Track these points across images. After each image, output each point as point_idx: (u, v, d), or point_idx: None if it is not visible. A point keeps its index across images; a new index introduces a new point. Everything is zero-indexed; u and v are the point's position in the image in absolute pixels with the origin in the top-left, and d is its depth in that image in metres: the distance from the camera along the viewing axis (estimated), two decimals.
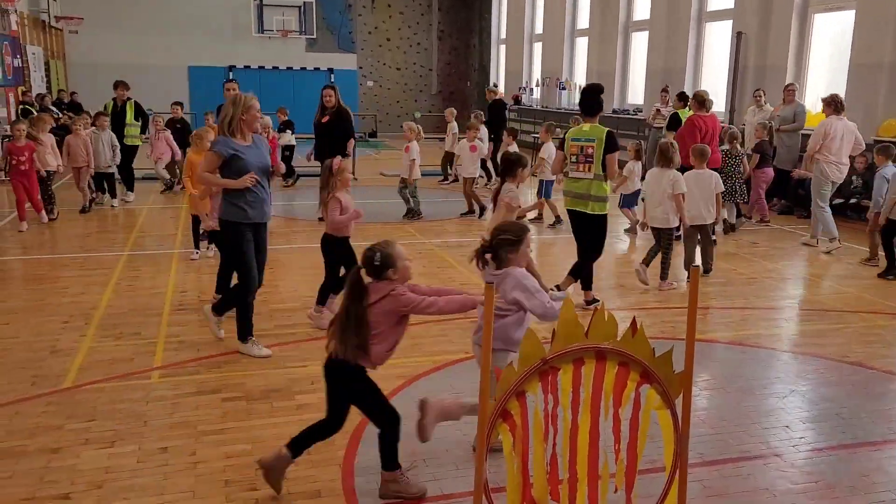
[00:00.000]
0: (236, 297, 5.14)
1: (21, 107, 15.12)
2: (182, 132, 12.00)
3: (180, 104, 12.72)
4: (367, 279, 3.27)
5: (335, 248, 5.61)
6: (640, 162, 9.46)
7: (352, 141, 9.69)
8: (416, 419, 3.50)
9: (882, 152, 8.05)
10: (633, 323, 2.53)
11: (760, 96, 11.47)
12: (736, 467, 3.71)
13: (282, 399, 4.39)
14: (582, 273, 6.32)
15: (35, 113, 12.71)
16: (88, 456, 3.71)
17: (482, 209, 10.36)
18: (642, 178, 8.74)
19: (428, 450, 3.81)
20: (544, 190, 9.78)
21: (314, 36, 23.92)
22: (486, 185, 12.97)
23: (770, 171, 10.09)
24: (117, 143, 10.71)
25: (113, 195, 10.89)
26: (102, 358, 5.01)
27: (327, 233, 5.62)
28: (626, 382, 2.47)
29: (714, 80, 14.18)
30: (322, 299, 5.73)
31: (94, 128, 10.61)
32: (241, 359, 5.08)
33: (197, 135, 7.30)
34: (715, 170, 7.70)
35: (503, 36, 24.53)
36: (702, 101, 8.90)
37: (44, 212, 9.35)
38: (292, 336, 5.51)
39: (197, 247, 7.72)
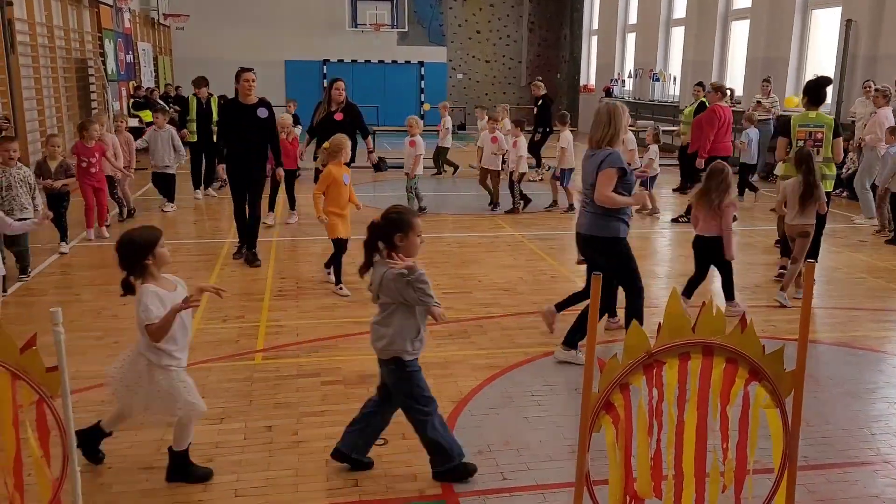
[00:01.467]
0: (634, 308, 4.73)
1: (132, 100, 15.97)
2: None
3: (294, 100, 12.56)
4: None
5: (715, 248, 5.70)
6: (657, 145, 9.88)
7: (370, 139, 9.27)
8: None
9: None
10: (743, 318, 2.48)
11: (871, 87, 10.87)
12: (843, 473, 3.58)
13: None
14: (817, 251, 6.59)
15: (159, 106, 13.28)
16: (200, 431, 3.90)
17: (495, 204, 10.29)
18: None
19: (521, 440, 3.85)
20: (565, 178, 10.05)
21: (405, 29, 24.21)
22: (537, 175, 13.03)
23: None
24: (180, 143, 9.89)
25: (171, 198, 10.02)
26: (210, 339, 5.27)
27: (701, 235, 5.78)
28: (734, 379, 2.43)
29: (819, 71, 13.51)
30: (730, 294, 5.87)
31: (152, 126, 9.96)
32: (336, 344, 5.24)
33: (336, 145, 6.37)
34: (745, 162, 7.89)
35: (595, 27, 24.14)
36: (723, 91, 9.78)
37: (96, 226, 8.30)
38: None
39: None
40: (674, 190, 12.02)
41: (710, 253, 5.76)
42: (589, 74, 24.71)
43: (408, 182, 9.74)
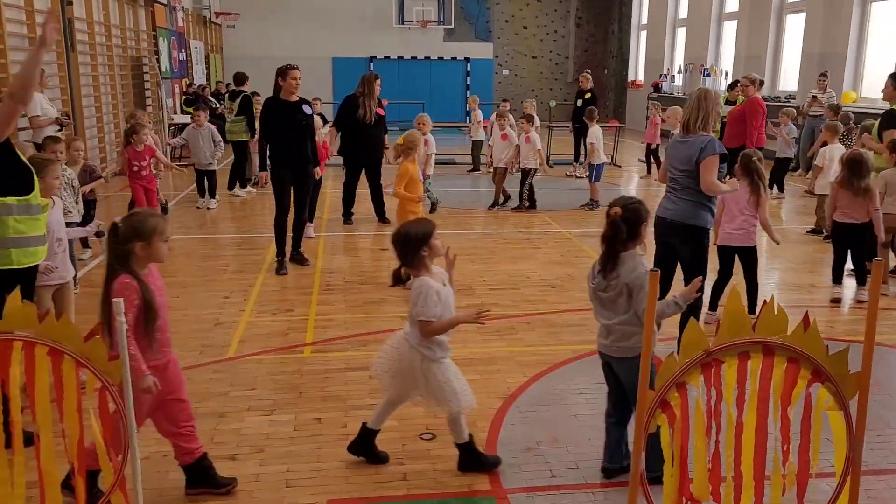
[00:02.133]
0: (697, 305, 4.63)
1: (184, 97, 16.30)
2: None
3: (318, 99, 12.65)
4: None
5: (857, 234, 5.85)
6: None
7: (385, 137, 9.04)
8: None
9: None
10: (806, 318, 2.41)
11: None
12: None
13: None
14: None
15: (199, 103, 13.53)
16: (251, 421, 3.98)
17: (506, 198, 10.14)
18: None
19: (571, 438, 3.81)
20: (595, 173, 9.95)
21: (452, 25, 24.20)
22: (573, 170, 12.90)
23: None
24: (220, 138, 9.98)
25: (213, 195, 10.07)
26: (260, 332, 5.35)
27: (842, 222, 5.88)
28: (795, 380, 2.35)
29: (880, 65, 13.09)
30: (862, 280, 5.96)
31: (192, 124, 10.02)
32: (385, 339, 5.21)
33: (410, 141, 6.35)
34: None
35: (644, 21, 23.78)
36: (759, 82, 9.56)
37: None
38: None
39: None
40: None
41: (851, 239, 5.89)
42: (637, 70, 24.36)
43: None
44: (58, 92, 10.22)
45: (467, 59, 24.72)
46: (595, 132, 10.00)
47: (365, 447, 3.57)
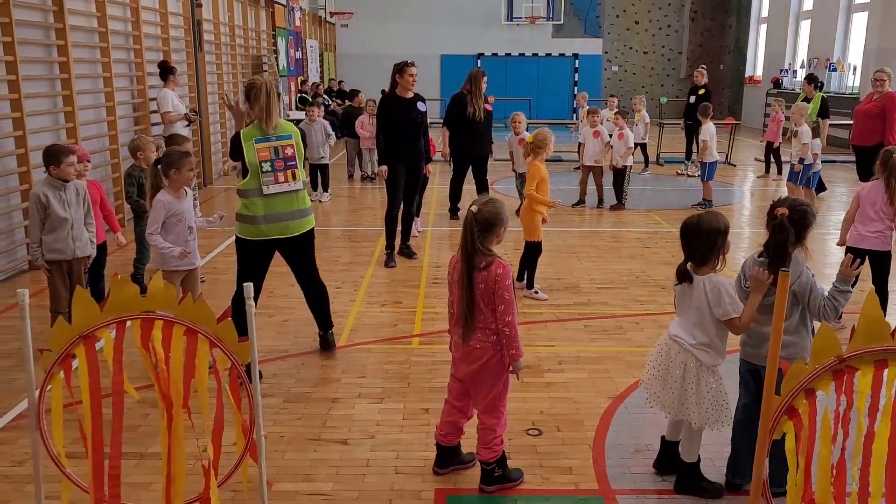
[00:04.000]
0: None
1: (298, 95, 16.90)
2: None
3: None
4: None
5: None
6: (818, 139, 9.27)
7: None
8: None
9: None
10: None
11: None
12: None
13: (531, 375, 4.50)
14: None
15: (310, 100, 14.03)
16: (362, 408, 4.11)
17: (600, 200, 9.92)
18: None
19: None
20: (708, 172, 9.64)
21: (561, 21, 23.95)
22: (685, 169, 12.40)
23: None
24: (331, 132, 10.30)
25: (325, 188, 10.38)
26: (370, 322, 5.50)
27: None
28: None
29: None
30: None
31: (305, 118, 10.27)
32: None
33: (541, 140, 6.13)
34: None
35: (764, 14, 22.73)
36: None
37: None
38: (539, 316, 5.63)
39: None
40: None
41: None
42: (756, 65, 23.32)
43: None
44: (186, 89, 10.83)
45: (575, 56, 24.41)
46: (709, 129, 9.70)
47: (669, 462, 3.41)
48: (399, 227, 7.23)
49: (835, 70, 17.64)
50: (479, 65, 23.95)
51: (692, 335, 3.14)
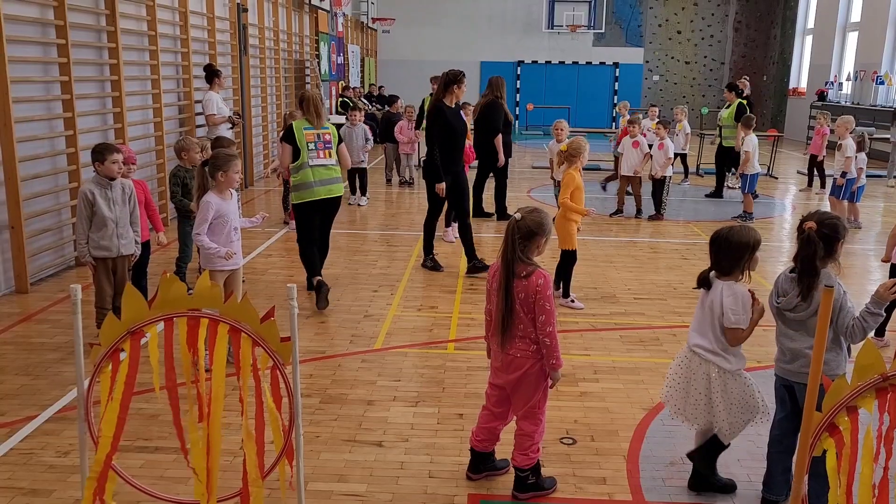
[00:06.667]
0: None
1: (340, 99, 17.09)
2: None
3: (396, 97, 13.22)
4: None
5: None
6: (864, 153, 9.10)
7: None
8: None
9: None
10: None
11: None
12: None
13: (566, 384, 4.50)
14: None
15: (352, 105, 14.16)
16: (397, 411, 4.14)
17: (638, 211, 9.85)
18: None
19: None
20: (749, 184, 9.55)
21: (602, 30, 23.85)
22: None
23: None
24: (371, 136, 10.34)
25: (364, 192, 10.45)
26: (406, 326, 5.54)
27: None
28: None
29: None
30: None
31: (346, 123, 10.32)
32: None
33: (575, 148, 6.05)
34: None
35: (810, 25, 22.35)
36: None
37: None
38: (575, 325, 5.61)
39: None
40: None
41: None
42: (800, 77, 22.94)
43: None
44: (230, 92, 11.04)
45: (616, 64, 24.28)
46: (751, 140, 9.57)
47: (704, 480, 3.40)
48: (459, 239, 7.25)
49: (882, 83, 17.28)
50: (518, 72, 23.98)
51: (708, 339, 3.17)
